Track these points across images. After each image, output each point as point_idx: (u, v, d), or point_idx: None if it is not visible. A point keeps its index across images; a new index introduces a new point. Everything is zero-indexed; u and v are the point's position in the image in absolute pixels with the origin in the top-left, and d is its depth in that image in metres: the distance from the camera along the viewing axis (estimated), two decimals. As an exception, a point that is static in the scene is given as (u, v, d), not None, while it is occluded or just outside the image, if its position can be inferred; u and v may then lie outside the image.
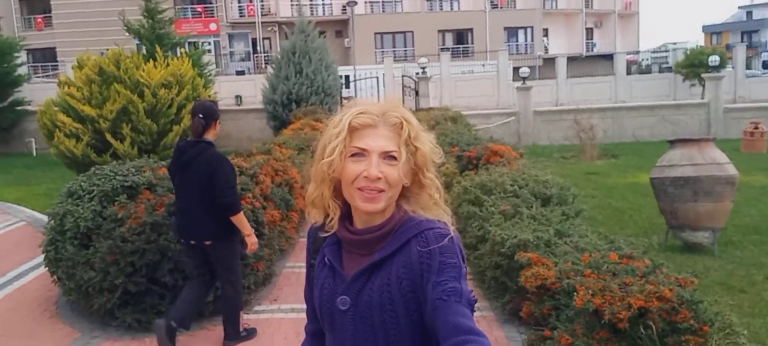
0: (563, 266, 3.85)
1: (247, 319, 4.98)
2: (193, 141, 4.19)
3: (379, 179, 1.34)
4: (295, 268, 6.03)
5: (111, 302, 4.63)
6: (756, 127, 15.76)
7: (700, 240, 7.11)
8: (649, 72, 34.27)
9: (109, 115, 10.99)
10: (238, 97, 22.43)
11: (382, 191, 1.35)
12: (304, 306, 1.61)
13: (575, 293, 3.34)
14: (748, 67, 32.41)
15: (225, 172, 4.15)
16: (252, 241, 4.29)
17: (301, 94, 15.30)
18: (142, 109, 11.13)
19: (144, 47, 16.04)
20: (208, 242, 4.19)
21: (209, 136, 4.21)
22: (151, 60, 12.15)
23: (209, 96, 13.38)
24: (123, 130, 11.06)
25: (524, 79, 18.53)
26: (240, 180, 5.35)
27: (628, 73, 28.98)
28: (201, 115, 4.14)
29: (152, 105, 11.36)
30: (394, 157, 1.35)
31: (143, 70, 11.52)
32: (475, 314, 1.32)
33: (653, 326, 3.06)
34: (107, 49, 12.66)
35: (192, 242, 4.23)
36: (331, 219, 1.42)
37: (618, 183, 11.96)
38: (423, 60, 18.29)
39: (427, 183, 1.40)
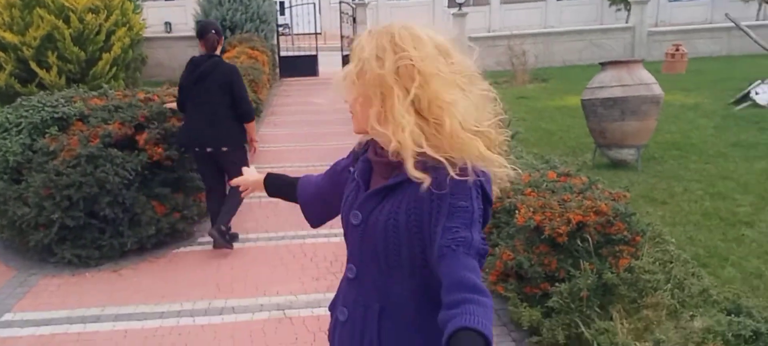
0: (504, 186, 3.99)
1: (190, 249, 4.97)
2: (207, 55, 4.60)
3: (347, 102, 1.40)
4: (237, 197, 5.97)
5: (48, 238, 4.50)
6: (677, 49, 16.42)
7: (625, 157, 7.49)
8: (578, -3, 34.84)
9: (32, 42, 10.32)
10: (168, 24, 21.42)
11: (353, 114, 1.40)
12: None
13: (516, 211, 3.49)
14: (671, -8, 33.38)
15: (241, 82, 4.68)
16: (255, 145, 4.97)
17: (236, 21, 14.72)
18: (68, 35, 10.47)
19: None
20: (225, 149, 4.59)
21: (217, 51, 4.67)
22: (75, -18, 11.39)
23: (139, 23, 12.73)
24: (49, 58, 10.42)
25: (460, 5, 18.48)
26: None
27: (558, -1, 29.43)
28: (213, 31, 4.60)
29: (79, 31, 10.69)
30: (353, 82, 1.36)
31: (68, -7, 10.80)
32: None
33: (590, 239, 3.25)
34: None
35: (209, 149, 4.59)
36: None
37: (548, 106, 12.32)
38: (361, -16, 17.91)
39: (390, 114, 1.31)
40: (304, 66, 15.56)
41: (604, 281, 3.11)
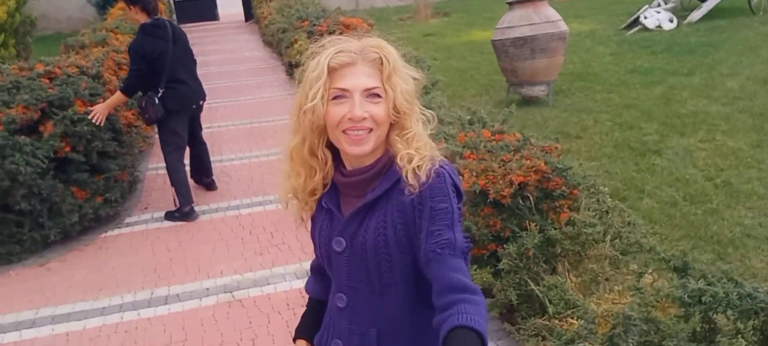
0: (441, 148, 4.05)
1: (119, 232, 4.76)
2: (162, 18, 4.69)
3: (365, 118, 1.29)
4: (159, 169, 5.70)
5: (-40, 239, 4.15)
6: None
7: (536, 93, 7.79)
8: None
9: None
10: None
11: (370, 130, 1.31)
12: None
13: (460, 176, 3.56)
14: None
15: None
16: None
17: (126, -35, 13.44)
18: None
19: None
20: (203, 102, 4.97)
21: None
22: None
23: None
24: None
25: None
26: (86, 84, 4.88)
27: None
28: None
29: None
30: (378, 95, 1.31)
31: None
32: None
33: (530, 197, 3.40)
34: None
35: (202, 102, 4.95)
36: (327, 167, 1.40)
37: (455, 43, 12.48)
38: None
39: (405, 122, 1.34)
40: (202, 10, 14.70)
41: (548, 237, 3.28)
